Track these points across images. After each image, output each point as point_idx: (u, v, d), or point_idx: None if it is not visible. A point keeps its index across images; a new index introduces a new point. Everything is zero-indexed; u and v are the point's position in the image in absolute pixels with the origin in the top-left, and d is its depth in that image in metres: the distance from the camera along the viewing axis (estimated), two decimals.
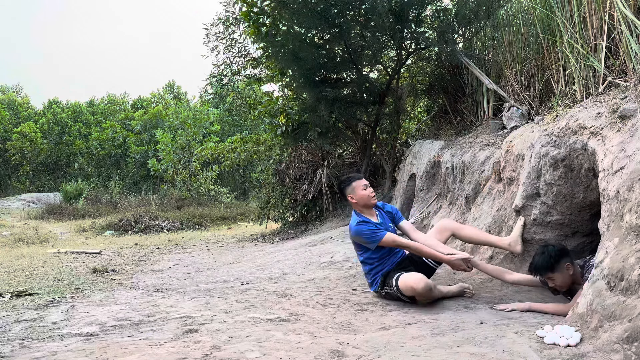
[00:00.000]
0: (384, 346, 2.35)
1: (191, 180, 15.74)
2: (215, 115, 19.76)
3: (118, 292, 4.15)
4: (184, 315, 3.20)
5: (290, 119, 7.39)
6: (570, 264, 2.93)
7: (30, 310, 3.48)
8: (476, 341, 2.34)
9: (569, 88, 3.98)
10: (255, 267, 5.29)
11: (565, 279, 2.92)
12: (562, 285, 2.94)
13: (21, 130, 20.75)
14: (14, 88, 28.82)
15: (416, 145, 6.53)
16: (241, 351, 2.33)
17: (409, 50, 6.89)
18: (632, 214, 2.24)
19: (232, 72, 9.31)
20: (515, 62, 5.05)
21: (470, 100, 6.14)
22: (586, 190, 3.15)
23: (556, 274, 2.91)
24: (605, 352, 1.97)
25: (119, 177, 19.69)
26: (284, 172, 8.50)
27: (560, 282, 2.92)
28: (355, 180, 3.56)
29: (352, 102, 7.12)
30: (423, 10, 6.41)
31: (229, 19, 8.68)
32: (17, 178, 21.16)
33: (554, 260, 2.90)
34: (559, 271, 2.91)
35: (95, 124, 23.26)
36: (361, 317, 2.99)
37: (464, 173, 4.86)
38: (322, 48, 6.77)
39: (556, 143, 3.19)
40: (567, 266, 2.91)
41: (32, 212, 13.27)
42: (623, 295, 2.10)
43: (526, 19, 5.12)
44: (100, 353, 2.42)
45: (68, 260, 6.23)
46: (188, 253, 6.92)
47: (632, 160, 2.40)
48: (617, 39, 3.38)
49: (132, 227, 10.06)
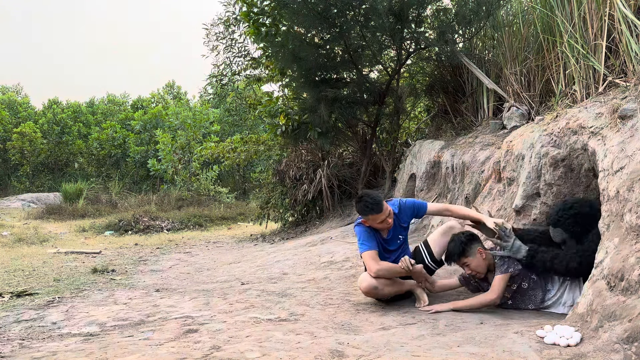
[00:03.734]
0: (384, 346, 2.35)
1: (191, 180, 15.74)
2: (215, 115, 19.76)
3: (118, 292, 4.15)
4: (184, 315, 3.20)
5: (290, 119, 7.39)
6: (482, 249, 3.13)
7: (30, 310, 3.48)
8: (476, 341, 2.34)
9: (569, 88, 3.98)
10: (255, 267, 5.29)
11: (480, 262, 3.10)
12: (477, 268, 3.10)
13: (21, 130, 20.76)
14: (14, 88, 28.83)
15: (416, 145, 6.53)
16: (241, 351, 2.33)
17: (409, 50, 6.89)
18: (632, 214, 2.24)
19: (232, 72, 9.31)
20: (515, 62, 5.06)
21: (470, 100, 6.15)
22: (586, 190, 3.15)
23: (470, 257, 3.09)
24: (605, 352, 1.97)
25: (119, 177, 19.70)
26: (284, 172, 8.50)
27: (475, 265, 3.09)
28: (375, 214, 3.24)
29: (352, 102, 7.12)
30: (423, 10, 6.41)
31: (229, 19, 8.69)
32: (17, 178, 21.18)
33: (465, 244, 3.09)
34: (472, 255, 3.09)
35: (95, 124, 23.28)
36: (361, 317, 2.99)
37: (464, 173, 4.86)
38: (322, 48, 6.77)
39: (556, 143, 3.19)
40: (479, 250, 3.11)
41: (32, 212, 13.27)
42: (623, 295, 2.10)
43: (526, 19, 5.12)
44: (100, 353, 2.42)
45: (68, 260, 6.23)
46: (188, 253, 6.92)
47: (632, 160, 2.40)
48: (617, 39, 3.38)
49: (132, 227, 10.06)
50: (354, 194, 7.86)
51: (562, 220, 2.88)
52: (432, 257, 3.41)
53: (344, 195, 8.04)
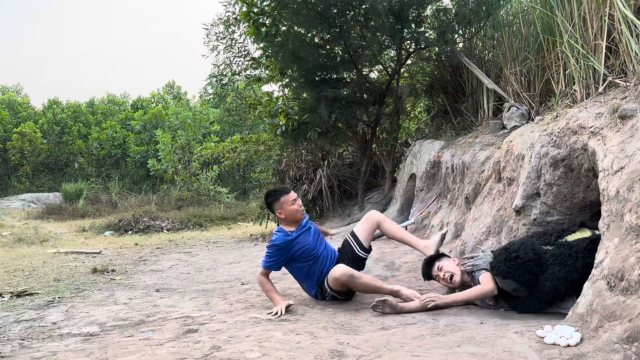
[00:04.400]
0: (384, 346, 2.35)
1: (191, 180, 15.73)
2: (215, 115, 19.75)
3: (118, 292, 4.15)
4: (184, 315, 3.20)
5: (290, 119, 7.39)
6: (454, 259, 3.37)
7: (30, 310, 3.48)
8: (476, 341, 2.34)
9: (569, 88, 3.98)
10: (255, 267, 5.28)
11: (452, 264, 3.26)
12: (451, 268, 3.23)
13: (21, 130, 20.75)
14: (14, 88, 28.84)
15: (416, 145, 6.53)
16: (241, 351, 2.33)
17: (409, 50, 6.89)
18: (632, 214, 2.24)
19: (232, 72, 9.31)
20: (515, 62, 5.06)
21: (470, 100, 6.15)
22: (586, 190, 3.15)
23: (442, 261, 3.30)
24: (605, 352, 1.97)
25: (119, 177, 19.70)
26: (284, 172, 8.50)
27: (449, 266, 3.25)
28: (284, 194, 3.42)
29: (352, 102, 7.11)
30: (423, 10, 6.41)
31: (229, 19, 8.69)
32: (17, 178, 21.18)
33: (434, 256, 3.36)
34: (444, 259, 3.32)
35: (95, 124, 23.27)
36: (361, 317, 2.99)
37: (464, 173, 4.86)
38: (322, 48, 6.77)
39: (556, 143, 3.19)
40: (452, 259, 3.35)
41: (32, 212, 13.27)
42: (623, 295, 2.10)
43: (526, 19, 5.12)
44: (100, 353, 2.42)
45: (68, 260, 6.23)
46: (188, 253, 6.92)
47: (632, 160, 2.40)
48: (617, 39, 3.38)
49: (132, 227, 10.06)
50: (354, 194, 7.86)
51: (512, 272, 2.88)
52: (361, 246, 3.58)
53: (344, 195, 8.04)
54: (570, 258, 2.79)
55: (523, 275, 2.85)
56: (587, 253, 2.76)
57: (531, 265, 2.84)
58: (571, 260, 2.78)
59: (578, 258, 2.78)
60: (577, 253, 2.80)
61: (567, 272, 2.76)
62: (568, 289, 2.77)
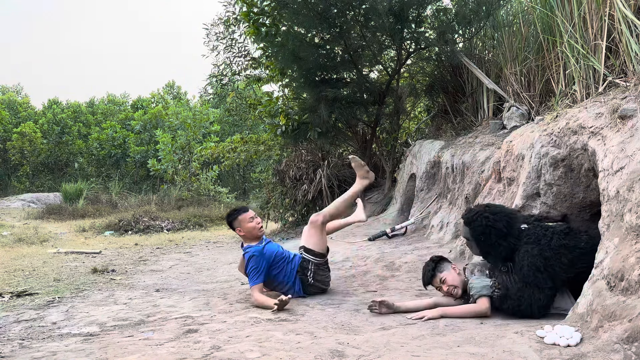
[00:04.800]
0: (384, 346, 2.35)
1: (191, 180, 15.73)
2: (215, 115, 19.76)
3: (118, 292, 4.15)
4: (184, 315, 3.20)
5: (290, 119, 7.39)
6: (455, 266, 3.18)
7: (30, 310, 3.48)
8: (476, 341, 2.34)
9: (569, 88, 3.98)
10: None
11: (455, 276, 3.10)
12: (454, 281, 3.07)
13: (21, 130, 20.77)
14: (14, 88, 28.86)
15: (416, 145, 6.53)
16: (241, 351, 2.33)
17: (409, 50, 6.89)
18: (632, 214, 2.24)
19: (232, 72, 9.31)
20: (515, 62, 5.06)
21: (470, 100, 6.15)
22: (586, 190, 3.15)
23: (444, 272, 3.10)
24: (605, 352, 1.97)
25: (119, 177, 19.71)
26: (284, 172, 8.50)
27: (452, 279, 3.08)
28: (242, 213, 3.65)
29: (352, 102, 7.12)
30: (423, 10, 6.41)
31: (229, 19, 8.70)
32: (17, 178, 21.18)
33: (435, 263, 3.15)
34: (446, 270, 3.11)
35: (95, 124, 23.28)
36: (361, 317, 2.99)
37: (464, 173, 4.86)
38: (322, 48, 6.77)
39: (556, 143, 3.19)
40: (452, 266, 3.16)
41: (32, 212, 13.27)
42: (623, 295, 2.10)
43: (526, 19, 5.12)
44: (100, 353, 2.42)
45: (68, 260, 6.23)
46: (188, 253, 6.92)
47: (632, 160, 2.40)
48: (617, 39, 3.38)
49: (132, 227, 10.06)
50: None
51: (473, 223, 2.94)
52: (318, 254, 3.70)
53: None
54: (544, 237, 2.81)
55: (480, 234, 2.91)
56: (563, 236, 2.80)
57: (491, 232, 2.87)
58: (545, 240, 2.80)
59: (553, 238, 2.79)
60: (552, 234, 2.82)
61: (540, 250, 2.77)
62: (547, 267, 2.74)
